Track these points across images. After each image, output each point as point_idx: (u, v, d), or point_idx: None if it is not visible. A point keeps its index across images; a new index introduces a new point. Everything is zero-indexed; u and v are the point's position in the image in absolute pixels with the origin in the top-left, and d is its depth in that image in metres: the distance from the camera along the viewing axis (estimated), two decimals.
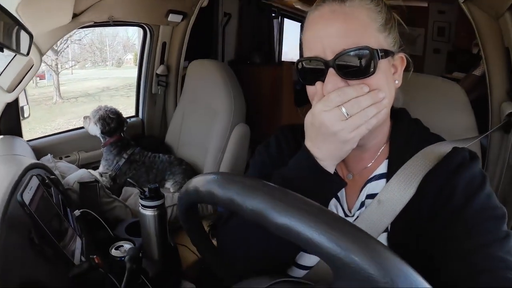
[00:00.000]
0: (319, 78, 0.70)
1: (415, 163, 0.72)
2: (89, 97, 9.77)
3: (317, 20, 0.71)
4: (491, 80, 1.35)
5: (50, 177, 1.28)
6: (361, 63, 0.66)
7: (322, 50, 0.69)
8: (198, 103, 2.29)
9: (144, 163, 2.10)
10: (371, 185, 0.79)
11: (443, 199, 0.68)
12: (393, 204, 0.71)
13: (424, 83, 1.22)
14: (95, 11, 1.84)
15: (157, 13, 2.20)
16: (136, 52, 2.63)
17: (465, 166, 0.69)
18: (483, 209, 0.65)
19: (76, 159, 2.18)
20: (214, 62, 2.24)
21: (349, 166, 0.85)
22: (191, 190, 0.55)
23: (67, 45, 9.27)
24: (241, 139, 2.08)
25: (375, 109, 0.65)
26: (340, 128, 0.64)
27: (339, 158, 0.71)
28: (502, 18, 1.16)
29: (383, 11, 0.72)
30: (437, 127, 1.13)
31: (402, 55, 0.76)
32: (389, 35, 0.73)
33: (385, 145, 0.81)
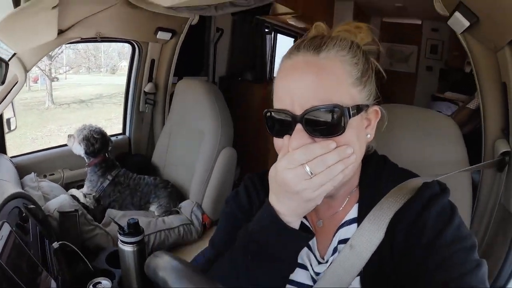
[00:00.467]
0: (286, 131, 0.68)
1: (385, 204, 0.70)
2: (82, 104, 9.71)
3: (290, 70, 0.69)
4: (486, 115, 1.32)
5: (28, 207, 1.26)
6: (331, 122, 0.64)
7: (291, 103, 0.66)
8: (185, 124, 2.26)
9: (129, 185, 2.06)
10: (342, 230, 0.78)
11: (414, 236, 0.67)
12: (365, 248, 0.69)
13: (416, 115, 1.20)
14: (82, 27, 1.81)
15: (146, 30, 2.17)
16: None
17: (434, 201, 0.68)
18: (453, 242, 0.64)
19: (61, 177, 2.14)
20: (202, 82, 2.22)
21: (319, 213, 0.83)
22: (150, 270, 0.51)
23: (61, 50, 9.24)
24: (227, 163, 2.06)
25: (341, 166, 0.63)
26: (303, 188, 0.62)
27: (303, 213, 0.69)
28: (501, 52, 1.14)
29: (360, 62, 0.70)
30: (429, 160, 1.13)
31: (376, 108, 0.74)
32: (364, 88, 0.70)
33: (355, 189, 0.80)
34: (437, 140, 1.14)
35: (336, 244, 0.77)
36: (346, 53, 0.68)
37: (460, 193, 1.14)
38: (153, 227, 1.80)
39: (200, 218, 1.98)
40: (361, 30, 0.75)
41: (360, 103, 0.68)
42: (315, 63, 0.66)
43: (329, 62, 0.67)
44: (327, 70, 0.66)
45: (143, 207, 2.06)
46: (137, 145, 2.61)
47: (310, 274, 0.79)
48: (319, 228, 0.82)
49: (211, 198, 2.04)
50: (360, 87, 0.69)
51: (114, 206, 2.02)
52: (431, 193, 0.70)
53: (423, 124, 1.16)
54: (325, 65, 0.66)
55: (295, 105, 0.65)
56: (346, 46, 0.69)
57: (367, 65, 0.72)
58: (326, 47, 0.68)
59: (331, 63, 0.67)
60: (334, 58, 0.67)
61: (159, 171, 2.38)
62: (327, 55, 0.67)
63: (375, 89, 0.74)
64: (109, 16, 1.82)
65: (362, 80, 0.69)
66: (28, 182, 1.83)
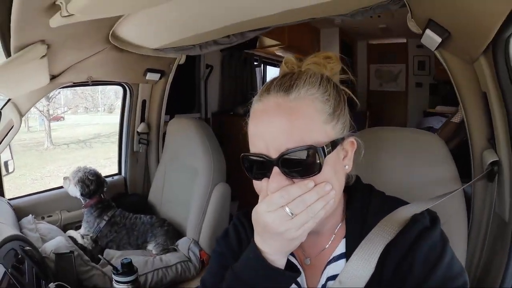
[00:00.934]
0: (264, 173, 0.68)
1: (374, 238, 0.69)
2: (81, 143, 9.76)
3: (261, 115, 0.69)
4: (470, 127, 1.32)
5: (24, 249, 1.27)
6: (307, 162, 0.64)
7: (265, 147, 0.67)
8: (179, 162, 2.28)
9: (125, 225, 2.06)
10: (330, 267, 0.76)
11: (404, 272, 0.66)
12: (354, 284, 0.68)
13: (404, 136, 1.21)
14: (74, 72, 1.86)
15: (135, 72, 2.23)
16: None
17: (425, 235, 0.67)
18: (444, 281, 0.63)
19: (59, 219, 2.15)
20: (192, 120, 2.24)
21: (306, 251, 0.82)
22: None
23: (59, 91, 9.38)
24: (222, 199, 2.06)
25: (322, 203, 0.63)
26: (285, 229, 0.62)
27: (288, 252, 0.69)
28: (477, 63, 1.14)
29: (331, 97, 0.70)
30: (419, 181, 1.13)
31: (352, 139, 0.74)
32: (338, 122, 0.71)
33: (341, 224, 0.79)
34: (425, 159, 1.14)
35: (325, 282, 0.76)
36: (316, 90, 0.69)
37: (455, 207, 1.13)
38: (150, 265, 1.79)
39: (198, 255, 1.96)
40: (330, 60, 0.76)
41: (334, 138, 0.69)
42: (286, 105, 0.67)
43: (300, 102, 0.67)
44: (299, 111, 0.66)
45: (141, 246, 2.05)
46: (133, 184, 2.62)
47: None
48: (307, 266, 0.81)
49: (208, 234, 2.04)
50: (333, 123, 0.69)
51: (111, 246, 2.01)
52: (421, 227, 0.68)
53: (409, 145, 1.16)
54: (296, 107, 0.66)
55: (270, 149, 0.66)
56: (316, 83, 0.70)
57: (338, 97, 0.72)
58: (296, 87, 0.68)
59: (301, 104, 0.67)
60: (305, 97, 0.67)
61: (156, 209, 2.39)
62: (297, 96, 0.67)
63: (349, 120, 0.75)
64: (99, 60, 1.87)
65: (334, 115, 0.70)
66: (26, 224, 1.83)
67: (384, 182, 0.84)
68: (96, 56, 1.82)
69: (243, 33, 1.67)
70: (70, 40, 1.45)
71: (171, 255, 1.92)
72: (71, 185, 2.05)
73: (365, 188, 0.81)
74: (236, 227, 0.89)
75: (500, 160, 1.15)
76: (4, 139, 1.75)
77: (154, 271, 1.77)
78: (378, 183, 0.84)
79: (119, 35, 1.66)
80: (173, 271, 1.83)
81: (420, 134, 1.22)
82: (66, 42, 1.44)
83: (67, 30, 1.32)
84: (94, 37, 1.60)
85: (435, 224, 0.70)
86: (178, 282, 1.87)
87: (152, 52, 1.94)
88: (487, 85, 1.12)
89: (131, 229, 2.05)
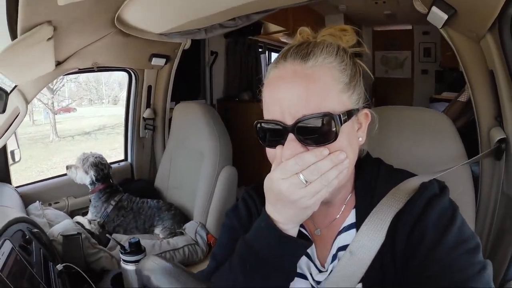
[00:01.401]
0: (278, 141, 0.67)
1: (383, 207, 0.70)
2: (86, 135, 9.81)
3: (278, 81, 0.68)
4: (478, 106, 1.30)
5: (32, 230, 1.28)
6: (323, 130, 0.64)
7: (281, 114, 0.66)
8: (185, 146, 2.29)
9: (132, 209, 2.08)
10: (341, 237, 0.77)
11: (416, 240, 0.66)
12: (365, 253, 0.68)
13: (410, 115, 1.20)
14: (79, 58, 1.85)
15: (140, 57, 2.22)
16: None
17: (434, 202, 0.67)
18: (456, 244, 0.63)
19: (65, 205, 2.17)
20: (199, 104, 2.25)
21: (317, 222, 0.82)
22: (144, 275, 0.51)
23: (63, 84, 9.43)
24: (228, 182, 2.07)
25: (336, 172, 0.63)
26: (299, 196, 0.62)
27: (301, 221, 0.69)
28: (483, 40, 1.13)
29: (348, 67, 0.70)
30: (426, 159, 1.12)
31: (366, 111, 0.74)
32: (354, 93, 0.70)
33: (351, 195, 0.79)
34: (432, 138, 1.12)
35: (335, 251, 0.76)
36: (334, 59, 0.68)
37: (462, 187, 1.11)
38: (158, 248, 1.81)
39: (205, 238, 1.98)
40: (346, 33, 0.76)
41: (350, 108, 0.68)
42: (303, 72, 0.66)
43: (317, 70, 0.66)
44: (316, 78, 0.65)
45: (148, 230, 2.07)
46: (139, 170, 2.63)
47: (310, 283, 0.77)
48: (318, 236, 0.81)
49: (215, 217, 2.05)
50: (349, 92, 0.69)
51: (119, 230, 2.03)
52: (430, 194, 0.69)
53: (416, 124, 1.15)
54: (313, 74, 0.66)
55: (285, 115, 0.65)
56: (333, 52, 0.69)
57: (354, 69, 0.72)
58: (313, 55, 0.68)
59: (319, 71, 0.66)
60: (322, 65, 0.67)
61: (162, 194, 2.40)
62: (315, 63, 0.67)
63: (364, 92, 0.74)
64: (104, 45, 1.86)
65: (351, 85, 0.69)
66: (33, 211, 1.85)
67: (390, 161, 0.83)
68: (101, 41, 1.81)
69: (248, 15, 1.65)
70: (76, 23, 1.45)
71: (178, 238, 1.94)
72: (80, 171, 2.06)
73: (374, 162, 0.81)
74: (246, 201, 0.89)
75: (508, 137, 1.13)
76: (10, 126, 1.76)
77: (162, 254, 1.79)
78: (384, 161, 0.84)
79: (124, 19, 1.65)
80: (181, 254, 1.85)
81: (427, 112, 1.21)
82: (72, 25, 1.44)
83: (73, 12, 1.31)
84: (99, 20, 1.59)
85: (444, 191, 0.70)
86: (185, 265, 1.88)
87: (157, 37, 1.93)
88: (494, 63, 1.10)
89: (138, 213, 2.07)
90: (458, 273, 0.60)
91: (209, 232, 2.03)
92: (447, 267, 0.61)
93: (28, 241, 1.17)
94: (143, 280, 0.51)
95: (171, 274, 0.48)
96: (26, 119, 1.80)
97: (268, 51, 4.35)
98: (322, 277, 0.76)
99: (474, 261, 0.61)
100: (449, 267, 0.61)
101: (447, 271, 0.61)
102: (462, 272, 0.60)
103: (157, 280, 0.49)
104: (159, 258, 0.52)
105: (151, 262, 0.51)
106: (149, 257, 0.54)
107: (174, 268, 0.49)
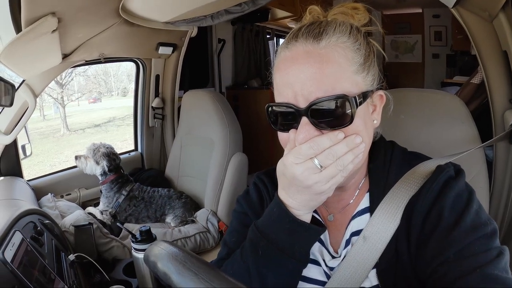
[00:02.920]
0: (291, 125, 0.65)
1: (398, 191, 0.68)
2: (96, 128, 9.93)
3: (289, 62, 0.65)
4: (491, 88, 1.27)
5: (44, 222, 1.30)
6: (338, 113, 0.61)
7: (294, 97, 0.63)
8: (195, 134, 2.29)
9: (143, 199, 2.09)
10: (355, 221, 0.75)
11: (432, 223, 0.64)
12: (379, 239, 0.67)
13: (424, 98, 1.18)
14: (85, 50, 1.85)
15: (147, 47, 2.21)
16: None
17: (451, 185, 0.65)
18: (473, 228, 0.61)
19: (77, 196, 2.20)
20: (207, 92, 2.23)
21: (330, 207, 0.80)
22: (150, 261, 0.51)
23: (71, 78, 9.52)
24: (239, 169, 2.07)
25: (351, 156, 0.61)
26: (314, 181, 0.60)
27: (314, 207, 0.67)
28: (496, 20, 1.09)
29: (362, 47, 0.67)
30: (439, 142, 1.09)
31: (381, 93, 0.72)
32: (368, 74, 0.67)
33: (365, 179, 0.77)
34: (445, 120, 1.10)
35: (349, 237, 0.74)
36: (347, 38, 0.65)
37: (475, 171, 1.10)
38: (169, 236, 1.83)
39: (216, 225, 1.98)
40: (358, 11, 0.73)
41: (365, 90, 0.66)
42: (316, 53, 0.63)
43: (331, 50, 0.63)
44: (329, 59, 0.62)
45: (159, 219, 2.08)
46: (149, 159, 2.65)
47: (323, 269, 0.76)
48: (331, 222, 0.79)
49: (226, 204, 2.06)
50: (364, 73, 0.66)
51: (130, 220, 2.05)
52: (446, 176, 0.67)
53: (429, 106, 1.12)
54: (327, 54, 0.63)
55: (298, 98, 0.63)
56: (346, 31, 0.66)
57: (368, 48, 0.69)
58: (326, 34, 0.64)
59: (332, 52, 0.63)
60: (336, 45, 0.64)
61: (173, 183, 2.41)
62: (328, 43, 0.63)
63: (378, 73, 0.71)
64: (110, 36, 1.86)
65: (365, 66, 0.66)
66: (46, 203, 1.87)
67: (402, 142, 0.81)
68: (107, 32, 1.80)
69: (254, 0, 1.62)
70: (81, 13, 1.44)
71: (190, 226, 1.95)
72: (90, 162, 2.06)
73: (388, 145, 0.79)
74: (257, 186, 0.88)
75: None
76: (20, 120, 1.77)
77: (173, 241, 1.79)
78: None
79: (129, 8, 1.63)
80: (192, 242, 1.86)
81: (440, 94, 1.18)
82: (76, 16, 1.42)
83: (77, 2, 1.31)
84: (104, 11, 1.58)
85: (460, 174, 0.68)
86: (197, 253, 1.89)
87: (163, 25, 1.92)
88: (508, 43, 1.08)
89: (149, 203, 2.08)
90: (475, 257, 0.58)
91: (220, 220, 2.04)
92: (463, 252, 0.59)
93: (40, 232, 1.18)
94: (150, 266, 0.51)
95: (177, 259, 0.47)
96: (37, 114, 1.82)
97: (276, 37, 4.30)
98: (335, 263, 0.74)
99: (491, 246, 0.59)
100: (465, 251, 0.59)
101: (462, 256, 0.59)
102: (478, 257, 0.58)
103: (163, 266, 0.48)
104: (165, 243, 0.51)
105: (157, 247, 0.50)
106: (155, 242, 0.53)
107: (180, 253, 0.48)
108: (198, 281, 0.43)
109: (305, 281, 0.76)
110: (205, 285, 0.42)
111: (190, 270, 0.45)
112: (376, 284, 0.68)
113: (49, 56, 1.59)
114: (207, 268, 0.45)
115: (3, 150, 1.80)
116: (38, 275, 0.97)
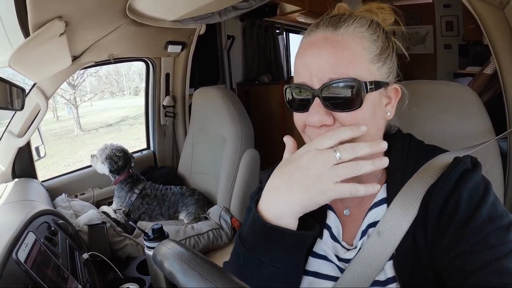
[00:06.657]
0: (306, 105, 0.69)
1: (415, 183, 0.69)
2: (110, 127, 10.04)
3: (308, 47, 0.69)
4: (504, 78, 1.24)
5: (57, 222, 1.32)
6: (348, 95, 0.64)
7: (309, 78, 0.67)
8: (206, 131, 2.30)
9: (156, 197, 2.11)
10: (372, 213, 0.75)
11: (447, 216, 0.64)
12: (393, 234, 0.67)
13: (436, 89, 1.15)
14: (94, 51, 1.87)
15: (156, 46, 2.23)
16: None
17: (467, 177, 0.65)
18: (489, 220, 0.60)
19: (91, 196, 2.23)
20: (218, 89, 2.24)
21: (346, 201, 0.80)
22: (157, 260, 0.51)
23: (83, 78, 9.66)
24: (251, 165, 2.06)
25: (371, 166, 0.61)
26: (327, 172, 0.59)
27: (304, 211, 0.63)
28: (508, 7, 1.07)
29: (380, 39, 0.70)
30: (453, 134, 1.07)
31: (397, 86, 0.74)
32: (384, 66, 0.70)
33: (382, 172, 0.77)
34: (458, 112, 1.08)
35: (365, 228, 0.74)
36: (365, 29, 0.69)
37: (489, 164, 1.08)
38: (182, 234, 1.83)
39: (229, 222, 1.99)
40: (384, 11, 0.75)
41: (379, 80, 0.68)
42: (333, 38, 0.67)
43: (347, 37, 0.67)
44: (345, 44, 0.66)
45: (173, 217, 2.10)
46: (162, 158, 2.67)
47: (336, 264, 0.74)
48: (346, 217, 0.79)
49: (238, 201, 2.06)
50: (379, 64, 0.69)
51: (144, 218, 2.07)
52: (463, 168, 0.66)
53: (442, 98, 1.10)
54: (343, 40, 0.67)
55: (313, 79, 0.66)
56: (365, 24, 0.69)
57: (387, 43, 0.72)
58: (345, 23, 0.68)
59: (349, 39, 0.67)
60: (353, 34, 0.67)
61: (186, 180, 2.43)
62: (346, 31, 0.67)
63: (395, 68, 0.74)
64: (119, 37, 1.87)
65: (381, 57, 0.69)
66: (60, 203, 1.90)
67: (416, 135, 0.81)
68: (115, 33, 1.82)
69: None
70: (88, 16, 1.45)
71: (203, 223, 1.96)
72: (99, 162, 2.10)
73: (405, 137, 0.80)
74: None
75: None
76: (32, 123, 1.80)
77: (186, 239, 1.81)
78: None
79: (135, 9, 1.64)
80: (205, 239, 1.87)
81: (452, 86, 1.16)
82: (83, 18, 1.44)
83: (83, 5, 1.32)
84: (111, 12, 1.59)
85: (476, 167, 0.68)
86: (210, 249, 1.92)
87: (171, 24, 1.92)
88: None
89: (162, 200, 2.10)
90: (491, 250, 0.58)
91: (233, 216, 2.04)
92: (479, 244, 0.59)
93: (54, 232, 1.20)
94: (158, 265, 0.51)
95: (182, 259, 0.47)
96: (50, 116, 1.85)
97: (285, 31, 4.28)
98: (351, 254, 0.73)
99: (508, 239, 0.58)
100: (481, 243, 0.59)
101: (480, 247, 0.58)
102: (494, 249, 0.57)
103: (169, 265, 0.49)
104: (172, 242, 0.52)
105: (164, 247, 0.51)
106: (163, 242, 0.53)
107: (186, 253, 0.49)
108: (202, 281, 0.44)
109: (317, 277, 0.75)
110: (208, 285, 0.43)
111: (194, 270, 0.45)
112: (391, 276, 0.68)
113: (58, 59, 1.61)
114: (211, 268, 0.45)
115: (17, 152, 1.83)
116: (51, 274, 0.99)
